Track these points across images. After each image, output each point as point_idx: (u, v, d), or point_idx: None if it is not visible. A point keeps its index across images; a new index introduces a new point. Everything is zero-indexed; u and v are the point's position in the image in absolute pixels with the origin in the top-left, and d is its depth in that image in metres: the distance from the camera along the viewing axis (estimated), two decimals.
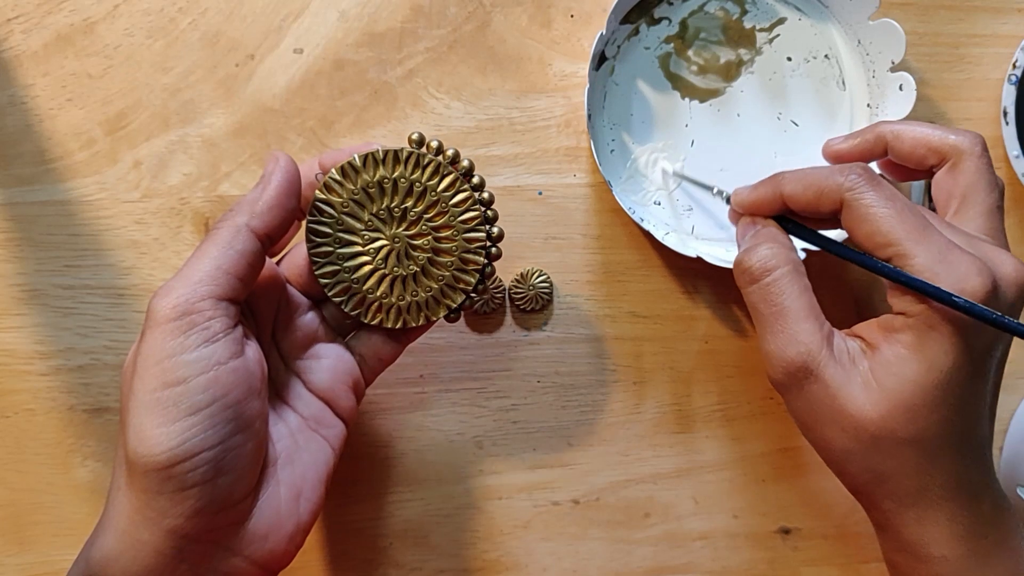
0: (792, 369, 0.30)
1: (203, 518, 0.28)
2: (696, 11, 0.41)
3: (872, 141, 0.35)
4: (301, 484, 0.31)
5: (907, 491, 0.30)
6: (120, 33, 0.39)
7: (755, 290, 0.32)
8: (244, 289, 0.30)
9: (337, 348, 0.34)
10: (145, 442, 0.27)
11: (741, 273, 0.33)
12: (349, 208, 0.33)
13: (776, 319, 0.31)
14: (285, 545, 0.30)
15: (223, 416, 0.28)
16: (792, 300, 0.31)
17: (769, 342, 0.31)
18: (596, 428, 0.41)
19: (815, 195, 0.31)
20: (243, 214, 0.30)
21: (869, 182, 0.30)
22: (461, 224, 0.33)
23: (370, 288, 0.33)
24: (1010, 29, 0.42)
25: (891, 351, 0.29)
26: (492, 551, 0.41)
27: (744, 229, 0.35)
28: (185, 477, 0.27)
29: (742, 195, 0.35)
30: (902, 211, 0.29)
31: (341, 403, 0.34)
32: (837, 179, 0.31)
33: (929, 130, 0.33)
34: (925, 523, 0.30)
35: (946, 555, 0.30)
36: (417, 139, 0.33)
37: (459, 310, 0.34)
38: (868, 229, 0.30)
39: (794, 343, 0.30)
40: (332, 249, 0.33)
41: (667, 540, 0.42)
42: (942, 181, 0.33)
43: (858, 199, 0.30)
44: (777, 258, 0.32)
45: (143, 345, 0.28)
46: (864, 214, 0.30)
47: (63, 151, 0.39)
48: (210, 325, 0.28)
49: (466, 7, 0.40)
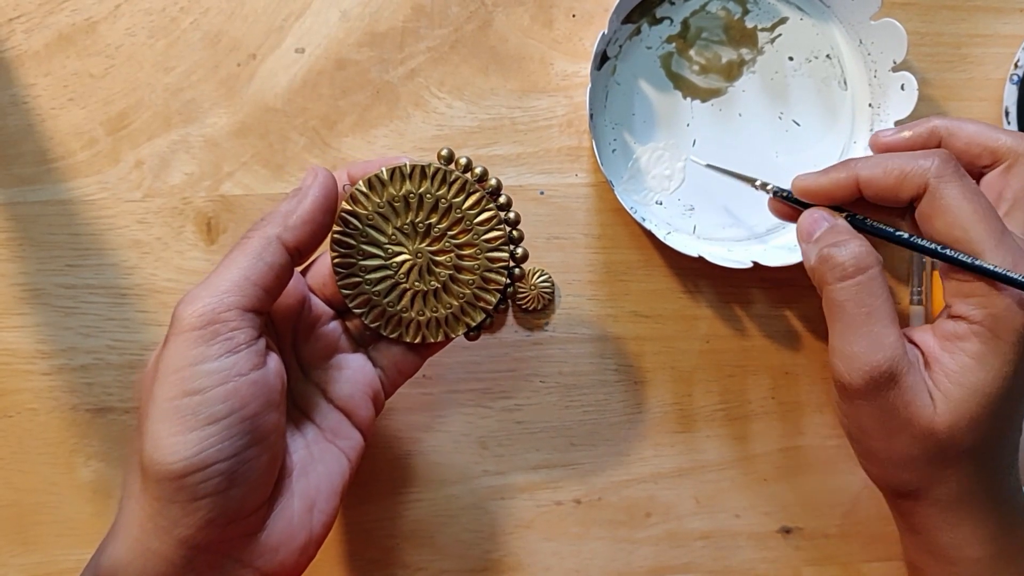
0: (876, 374, 0.29)
1: (214, 529, 0.28)
2: (698, 11, 0.41)
3: (926, 135, 0.34)
4: (315, 496, 0.31)
5: (952, 496, 0.30)
6: (122, 33, 0.39)
7: (846, 287, 0.30)
8: (270, 301, 0.29)
9: (359, 359, 0.34)
10: (161, 450, 0.27)
11: (832, 268, 0.30)
12: (374, 221, 0.33)
13: (865, 321, 0.29)
14: (296, 557, 0.30)
15: (240, 428, 0.27)
16: (884, 301, 0.30)
17: (853, 344, 0.29)
18: (598, 428, 0.41)
19: (896, 179, 0.30)
20: (276, 226, 0.29)
21: (956, 172, 0.29)
22: (484, 243, 0.33)
23: (391, 302, 0.33)
24: (1012, 29, 0.42)
25: (954, 361, 0.29)
26: (495, 551, 0.41)
27: (813, 222, 0.32)
28: (198, 487, 0.27)
29: (807, 181, 0.32)
30: (986, 210, 0.29)
31: (360, 414, 0.33)
32: (923, 163, 0.29)
33: (985, 129, 0.33)
34: (961, 526, 0.30)
35: (978, 556, 0.30)
36: (446, 155, 0.33)
37: (479, 329, 0.34)
38: (948, 220, 0.29)
39: (883, 347, 0.29)
40: (355, 261, 0.33)
41: (669, 539, 0.42)
42: (994, 182, 0.32)
43: (944, 187, 0.29)
44: (871, 256, 0.30)
45: (165, 351, 0.28)
46: (947, 204, 0.29)
47: (65, 151, 0.39)
48: (234, 336, 0.28)
49: (468, 7, 0.40)
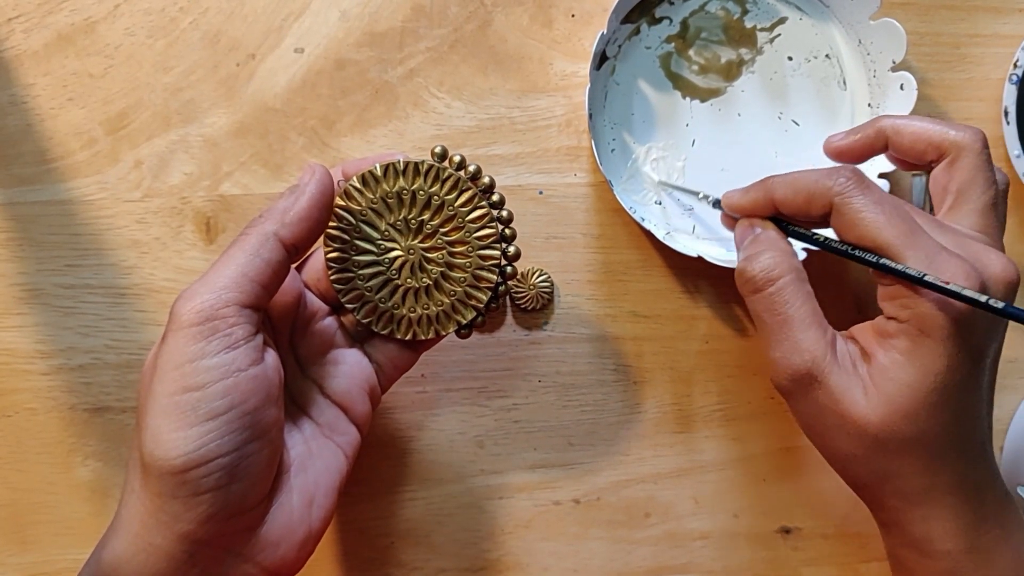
0: (797, 377, 0.30)
1: (215, 524, 0.28)
2: (697, 11, 0.41)
3: (873, 136, 0.34)
4: (314, 491, 0.31)
5: (913, 490, 0.30)
6: (121, 33, 0.39)
7: (759, 299, 0.31)
8: (267, 297, 0.30)
9: (355, 354, 0.34)
10: (161, 445, 0.27)
11: (744, 282, 0.32)
12: (367, 216, 0.33)
13: (780, 328, 0.31)
14: (296, 552, 0.30)
15: (240, 423, 0.28)
16: (796, 308, 0.31)
17: (774, 350, 0.31)
18: (597, 428, 0.41)
19: (805, 199, 0.31)
20: (273, 222, 0.30)
21: (858, 185, 0.30)
22: (476, 241, 0.33)
23: (383, 297, 0.33)
24: (1011, 29, 0.42)
25: (887, 357, 0.29)
26: (493, 551, 0.41)
27: (743, 233, 0.34)
28: (199, 482, 0.27)
29: (733, 198, 0.34)
30: (891, 214, 0.29)
31: (357, 409, 0.33)
32: (826, 183, 0.30)
33: (929, 124, 0.33)
34: (930, 520, 0.30)
35: (950, 549, 0.30)
36: (440, 152, 0.33)
37: (470, 326, 0.34)
38: (857, 233, 0.30)
39: (799, 351, 0.30)
40: (349, 256, 0.33)
41: (667, 540, 0.42)
42: (939, 176, 0.33)
43: (847, 203, 0.30)
44: (780, 266, 0.31)
45: (164, 348, 0.28)
46: (853, 218, 0.30)
47: (64, 151, 0.39)
48: (232, 332, 0.28)
49: (467, 7, 0.40)
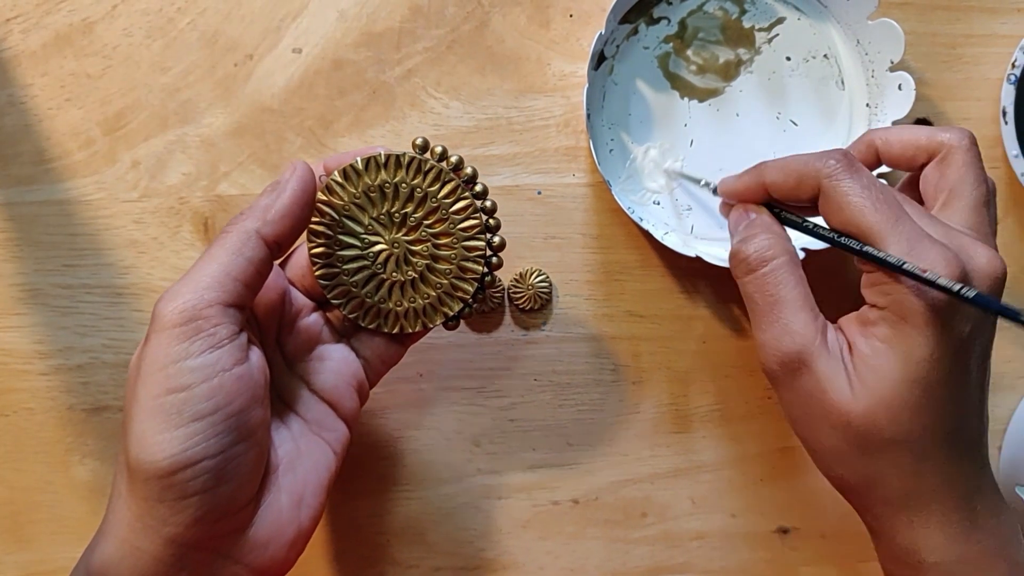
0: (786, 359, 0.30)
1: (203, 526, 0.27)
2: (695, 11, 0.41)
3: (863, 151, 0.35)
4: (302, 490, 0.31)
5: (897, 494, 0.30)
6: (119, 33, 0.39)
7: (751, 280, 0.32)
8: (251, 295, 0.29)
9: (342, 349, 0.34)
10: (147, 448, 0.27)
11: (738, 263, 0.32)
12: (350, 211, 0.32)
13: (771, 309, 0.31)
14: (286, 552, 0.30)
15: (226, 424, 0.27)
16: (788, 290, 0.31)
17: (764, 331, 0.31)
18: (594, 428, 0.41)
19: (795, 182, 0.31)
20: (254, 220, 0.29)
21: (847, 168, 0.30)
22: (461, 232, 0.33)
23: (368, 292, 0.33)
24: (1009, 29, 0.42)
25: (867, 345, 0.29)
26: (490, 550, 0.41)
27: (738, 218, 0.34)
28: (186, 485, 0.27)
29: (728, 184, 0.35)
30: (877, 199, 0.29)
31: (345, 405, 0.33)
32: (815, 165, 0.30)
33: (916, 130, 0.33)
34: (916, 527, 0.30)
35: (938, 562, 0.30)
36: (421, 144, 0.32)
37: (457, 318, 0.34)
38: (843, 217, 0.30)
39: (789, 333, 0.30)
40: (333, 251, 0.33)
41: (665, 540, 0.42)
42: (930, 175, 0.33)
43: (834, 186, 0.30)
44: (774, 248, 0.31)
45: (147, 349, 0.28)
46: (840, 201, 0.30)
47: (62, 151, 0.39)
48: (215, 331, 0.28)
49: (465, 7, 0.40)
